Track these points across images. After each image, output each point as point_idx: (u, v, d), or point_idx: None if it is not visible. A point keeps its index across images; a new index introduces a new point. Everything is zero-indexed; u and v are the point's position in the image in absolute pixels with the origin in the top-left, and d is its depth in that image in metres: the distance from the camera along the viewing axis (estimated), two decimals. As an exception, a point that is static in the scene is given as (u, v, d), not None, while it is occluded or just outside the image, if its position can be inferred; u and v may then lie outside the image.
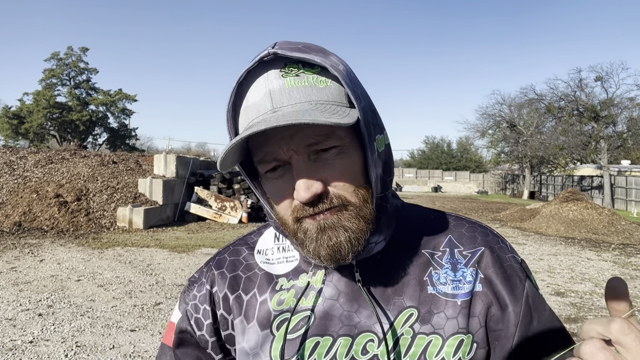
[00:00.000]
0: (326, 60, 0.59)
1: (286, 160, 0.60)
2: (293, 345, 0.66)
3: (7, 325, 4.78)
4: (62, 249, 9.11)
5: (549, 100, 31.61)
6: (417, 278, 0.67)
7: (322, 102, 0.59)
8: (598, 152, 28.10)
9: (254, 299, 0.70)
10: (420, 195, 38.41)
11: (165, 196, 13.82)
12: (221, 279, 0.73)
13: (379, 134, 0.63)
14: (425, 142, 59.46)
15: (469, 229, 0.72)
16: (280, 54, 0.59)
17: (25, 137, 38.70)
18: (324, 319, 0.66)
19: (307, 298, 0.68)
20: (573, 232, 13.75)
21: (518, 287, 0.66)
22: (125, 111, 42.78)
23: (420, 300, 0.65)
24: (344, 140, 0.60)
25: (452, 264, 0.68)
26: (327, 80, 0.60)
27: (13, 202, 12.68)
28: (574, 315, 5.69)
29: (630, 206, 24.92)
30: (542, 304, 0.68)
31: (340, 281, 0.67)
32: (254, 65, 0.60)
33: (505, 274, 0.67)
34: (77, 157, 15.88)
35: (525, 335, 0.64)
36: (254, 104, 0.60)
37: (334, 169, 0.60)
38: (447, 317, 0.64)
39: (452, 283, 0.66)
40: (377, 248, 0.68)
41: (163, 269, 7.60)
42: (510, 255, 0.70)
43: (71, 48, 40.94)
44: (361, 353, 0.64)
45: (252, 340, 0.68)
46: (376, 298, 0.66)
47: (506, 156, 41.68)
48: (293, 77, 0.59)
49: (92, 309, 5.41)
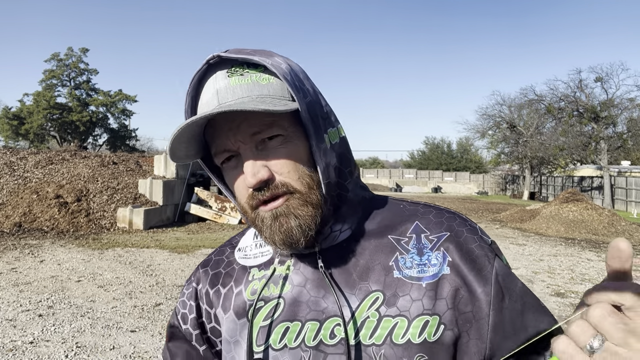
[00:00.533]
0: (268, 60, 0.64)
1: (235, 150, 0.66)
2: (265, 331, 0.69)
3: (7, 326, 4.78)
4: (62, 250, 9.11)
5: (549, 101, 31.62)
6: (383, 263, 0.69)
7: (262, 96, 0.64)
8: (598, 153, 28.09)
9: (231, 291, 0.75)
10: (420, 196, 38.39)
11: (166, 197, 13.82)
12: (205, 277, 0.80)
13: (330, 128, 0.69)
14: (425, 143, 59.53)
15: (436, 215, 0.74)
16: (224, 56, 0.65)
17: (25, 138, 38.73)
18: (293, 305, 0.69)
19: (277, 286, 0.72)
20: (573, 232, 13.75)
21: (487, 268, 0.67)
22: (126, 112, 42.82)
23: (385, 284, 0.67)
24: (288, 130, 0.65)
25: (418, 248, 0.69)
26: (269, 78, 0.66)
27: (13, 202, 12.68)
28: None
29: (631, 207, 24.91)
30: (513, 281, 0.68)
31: (307, 269, 0.71)
32: (202, 68, 0.67)
33: (473, 256, 0.67)
34: (77, 157, 15.88)
35: (500, 313, 0.65)
36: (205, 102, 0.66)
37: (279, 157, 0.65)
38: (412, 299, 0.66)
39: (417, 267, 0.68)
40: (343, 236, 0.72)
41: (163, 270, 7.61)
42: (479, 236, 0.70)
43: (71, 49, 41.02)
44: (329, 337, 0.66)
45: (230, 329, 0.73)
46: (341, 284, 0.69)
47: (506, 157, 41.67)
48: (238, 77, 0.65)
49: (92, 310, 5.42)
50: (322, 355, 0.66)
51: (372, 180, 50.31)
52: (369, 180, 50.30)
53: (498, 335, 0.64)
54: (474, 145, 48.83)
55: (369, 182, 49.43)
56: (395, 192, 43.04)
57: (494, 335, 0.64)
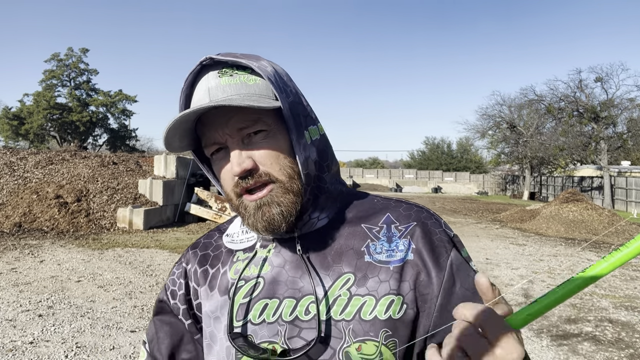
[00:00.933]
0: (255, 63, 0.72)
1: (224, 142, 0.73)
2: (244, 307, 0.77)
3: (7, 326, 4.78)
4: (62, 250, 9.11)
5: (549, 101, 31.61)
6: (355, 248, 0.77)
7: (249, 94, 0.72)
8: (598, 153, 28.09)
9: (218, 271, 0.83)
10: (420, 196, 38.40)
11: (166, 197, 13.82)
12: (193, 257, 0.88)
13: (311, 125, 0.77)
14: (425, 143, 59.55)
15: (405, 209, 0.82)
16: (216, 58, 0.73)
17: (25, 138, 38.74)
18: (272, 284, 0.77)
19: (257, 266, 0.79)
20: (573, 232, 13.75)
21: (443, 256, 0.75)
22: (126, 112, 42.82)
23: (357, 267, 0.75)
24: (271, 126, 0.73)
25: (388, 237, 0.78)
26: (256, 79, 0.74)
27: (13, 203, 12.68)
28: (574, 317, 5.69)
29: (631, 207, 24.92)
30: (467, 271, 0.75)
31: (287, 252, 0.79)
32: (196, 68, 0.74)
33: (434, 245, 0.76)
34: (77, 158, 15.88)
35: (449, 297, 0.72)
36: (198, 99, 0.73)
37: (262, 149, 0.73)
38: (380, 280, 0.73)
39: (386, 252, 0.76)
40: (320, 224, 0.80)
41: (163, 270, 7.61)
42: (441, 229, 0.79)
43: (71, 49, 41.03)
44: (304, 313, 0.73)
45: (213, 305, 0.80)
46: (317, 265, 0.76)
47: (506, 157, 41.67)
48: (227, 77, 0.72)
49: (92, 310, 5.42)
50: (297, 330, 0.73)
51: (372, 180, 50.27)
52: (368, 180, 50.25)
53: (442, 317, 0.72)
54: (474, 146, 48.90)
55: (368, 183, 49.39)
56: (395, 193, 43.03)
57: (438, 315, 0.72)
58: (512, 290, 6.92)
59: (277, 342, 0.73)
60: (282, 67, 0.81)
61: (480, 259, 9.37)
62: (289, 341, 0.73)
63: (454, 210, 22.72)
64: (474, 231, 14.31)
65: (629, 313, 5.88)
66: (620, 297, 6.65)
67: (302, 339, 0.72)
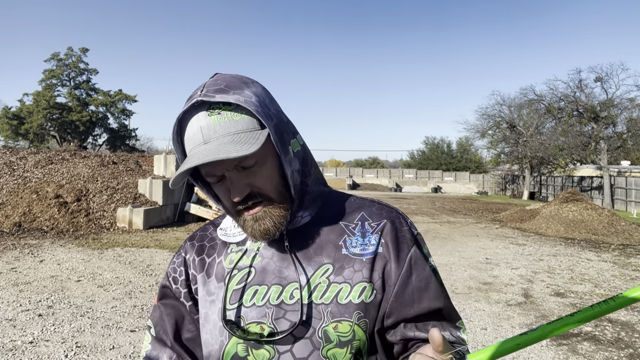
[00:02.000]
0: (240, 97, 0.80)
1: (221, 175, 0.83)
2: (238, 293, 0.88)
3: (7, 326, 4.78)
4: (62, 250, 9.11)
5: (549, 100, 31.58)
6: (334, 242, 0.89)
7: (238, 132, 0.79)
8: (598, 153, 28.08)
9: (214, 260, 0.94)
10: (420, 195, 38.40)
11: (165, 197, 13.82)
12: (191, 248, 0.99)
13: (292, 139, 0.87)
14: (425, 143, 59.49)
15: (378, 208, 0.95)
16: (204, 100, 0.79)
17: (25, 138, 38.70)
18: (261, 273, 0.88)
19: (249, 257, 0.90)
20: (573, 232, 13.75)
21: (404, 251, 0.89)
22: (125, 112, 42.78)
23: (335, 259, 0.87)
24: (260, 155, 0.81)
25: (362, 232, 0.90)
26: (241, 114, 0.81)
27: (13, 202, 12.68)
28: (574, 316, 5.69)
29: (630, 207, 24.92)
30: (423, 266, 0.89)
31: (275, 245, 0.90)
32: (187, 108, 0.81)
33: (398, 241, 0.89)
34: (77, 157, 15.88)
35: (404, 286, 0.86)
36: (191, 136, 0.81)
37: (256, 177, 0.82)
38: (355, 270, 0.86)
39: (360, 246, 0.88)
40: (304, 221, 0.91)
41: (163, 270, 7.61)
42: (407, 228, 0.92)
43: (71, 49, 40.98)
44: (289, 298, 0.85)
45: (209, 290, 0.91)
46: (300, 257, 0.88)
47: (506, 157, 41.63)
48: (216, 115, 0.80)
49: (92, 310, 5.42)
50: (283, 312, 0.84)
51: (372, 180, 50.27)
52: (368, 180, 50.26)
53: (397, 302, 0.86)
54: (474, 145, 48.84)
55: (368, 182, 49.39)
56: (395, 192, 43.02)
57: (394, 300, 0.86)
58: (513, 291, 6.92)
59: (265, 323, 0.84)
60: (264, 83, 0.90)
61: (480, 259, 9.38)
62: (275, 322, 0.84)
63: (454, 210, 22.72)
64: (474, 231, 14.31)
65: (628, 313, 5.88)
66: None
67: (287, 320, 0.83)
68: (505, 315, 5.72)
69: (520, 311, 5.89)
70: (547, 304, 6.21)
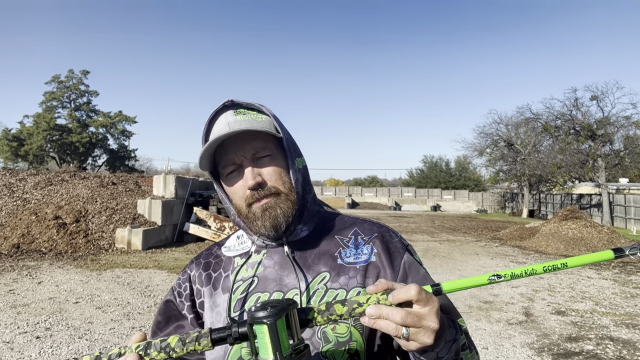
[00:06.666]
0: (262, 107, 0.98)
1: (240, 163, 0.94)
2: (241, 301, 0.95)
3: (4, 349, 4.74)
4: (60, 271, 9.06)
5: (546, 119, 31.81)
6: (330, 253, 0.98)
7: (260, 126, 0.93)
8: (596, 171, 28.16)
9: (220, 275, 1.02)
10: (419, 214, 38.33)
11: (164, 217, 13.80)
12: (196, 265, 1.07)
13: (297, 157, 0.99)
14: (423, 161, 59.67)
15: (369, 224, 1.05)
16: (235, 101, 0.97)
17: (24, 159, 38.74)
18: (263, 281, 0.96)
19: (253, 268, 0.99)
20: (573, 250, 13.71)
21: (397, 259, 0.97)
22: (125, 133, 42.96)
23: (331, 267, 0.95)
24: (274, 151, 0.96)
25: (355, 245, 0.99)
26: (263, 117, 0.97)
27: (12, 224, 12.65)
28: (575, 335, 5.65)
29: (630, 224, 24.88)
30: (417, 270, 0.97)
31: (276, 256, 0.99)
32: (219, 107, 0.96)
33: (390, 251, 0.98)
34: (76, 178, 15.90)
35: None
36: (219, 130, 0.93)
37: (269, 168, 0.95)
38: (349, 277, 0.94)
39: (354, 256, 0.97)
40: (303, 234, 1.01)
41: (162, 291, 7.56)
42: (397, 239, 1.01)
43: (72, 71, 41.38)
44: None
45: (215, 302, 0.99)
46: (300, 266, 0.96)
47: (505, 175, 41.75)
48: (242, 115, 0.95)
49: (90, 332, 5.37)
50: None
51: (371, 199, 50.24)
52: (367, 199, 50.22)
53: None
54: (472, 163, 49.00)
55: (367, 201, 49.35)
56: (394, 211, 42.94)
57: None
58: (514, 309, 6.88)
59: None
60: None
61: (480, 278, 9.32)
62: None
63: (454, 229, 22.67)
64: (474, 249, 14.27)
65: (630, 331, 5.84)
66: (621, 315, 6.61)
67: None
68: (507, 334, 5.68)
69: (521, 330, 5.85)
70: (548, 323, 6.17)
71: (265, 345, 0.68)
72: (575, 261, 0.76)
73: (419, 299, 0.69)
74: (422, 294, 0.69)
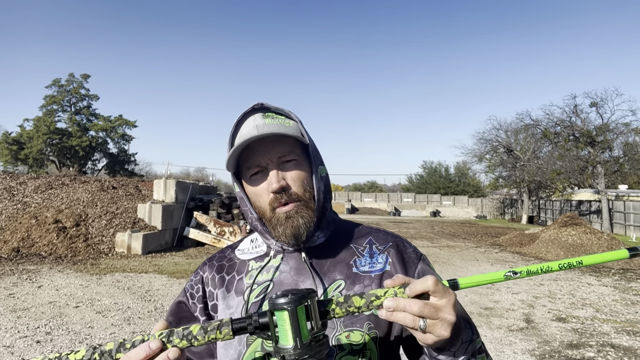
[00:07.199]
0: (291, 113, 0.99)
1: (265, 165, 0.94)
2: (257, 304, 0.96)
3: (4, 353, 4.73)
4: (60, 275, 9.05)
5: (545, 125, 31.88)
6: (346, 261, 0.99)
7: (288, 131, 0.93)
8: (595, 177, 28.19)
9: (233, 278, 1.03)
10: (418, 219, 38.32)
11: (165, 221, 13.79)
12: (209, 267, 1.06)
13: (320, 165, 1.00)
14: (423, 167, 59.64)
15: (384, 234, 1.07)
16: (264, 104, 0.97)
17: (24, 163, 38.74)
18: (279, 285, 0.97)
19: (269, 273, 0.99)
20: (572, 257, 13.67)
21: (412, 268, 0.99)
22: (125, 137, 42.98)
23: (346, 275, 0.97)
24: (299, 157, 0.96)
25: (370, 254, 1.01)
26: (291, 122, 0.98)
27: (12, 227, 12.64)
28: (576, 342, 5.65)
29: (629, 230, 24.89)
30: None
31: (292, 261, 1.00)
32: (248, 110, 0.97)
33: (405, 260, 1.00)
34: (77, 182, 15.91)
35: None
36: (246, 132, 0.93)
37: (293, 173, 0.95)
38: (364, 285, 0.95)
39: (369, 265, 0.99)
40: (319, 241, 1.01)
41: (162, 295, 7.55)
42: (412, 249, 1.03)
43: (73, 75, 41.41)
44: None
45: (229, 305, 0.99)
46: (317, 272, 0.97)
47: (504, 181, 41.78)
48: (270, 119, 0.95)
49: (90, 336, 5.37)
50: None
51: (371, 204, 50.21)
52: (367, 204, 50.19)
53: None
54: (472, 170, 48.98)
55: (367, 206, 49.31)
56: (393, 216, 42.92)
57: None
58: (515, 316, 6.87)
59: None
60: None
61: (480, 284, 9.32)
62: None
63: (453, 235, 22.67)
64: (474, 255, 14.27)
65: (630, 338, 5.84)
66: (622, 322, 6.61)
67: None
68: (507, 340, 5.68)
69: (522, 336, 5.85)
70: (548, 329, 6.17)
71: (286, 332, 0.70)
72: (590, 259, 0.77)
73: (436, 289, 0.70)
74: (439, 285, 0.70)
